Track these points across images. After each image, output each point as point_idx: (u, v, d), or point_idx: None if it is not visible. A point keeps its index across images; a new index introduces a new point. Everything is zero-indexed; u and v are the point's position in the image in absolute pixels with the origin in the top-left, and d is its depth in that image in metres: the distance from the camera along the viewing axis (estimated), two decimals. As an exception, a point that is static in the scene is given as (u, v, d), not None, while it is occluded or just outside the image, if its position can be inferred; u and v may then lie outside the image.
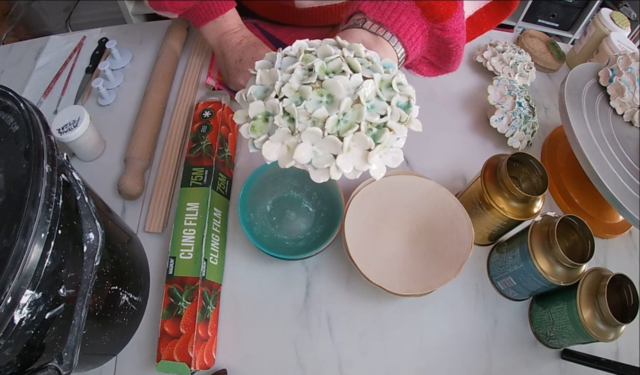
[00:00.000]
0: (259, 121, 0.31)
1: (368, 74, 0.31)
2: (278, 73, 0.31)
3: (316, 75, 0.30)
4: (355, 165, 0.30)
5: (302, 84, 0.30)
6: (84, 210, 0.36)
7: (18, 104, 0.33)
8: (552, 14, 1.78)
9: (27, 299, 0.28)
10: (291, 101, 0.30)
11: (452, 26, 0.41)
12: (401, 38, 0.41)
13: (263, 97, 0.32)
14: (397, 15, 0.40)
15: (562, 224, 0.46)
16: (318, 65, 0.30)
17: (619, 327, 0.43)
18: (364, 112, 0.29)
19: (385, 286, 0.46)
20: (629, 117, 0.60)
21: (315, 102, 0.30)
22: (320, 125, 0.29)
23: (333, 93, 0.30)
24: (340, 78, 0.30)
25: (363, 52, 0.33)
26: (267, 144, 0.30)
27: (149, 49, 0.73)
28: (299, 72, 0.31)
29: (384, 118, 0.31)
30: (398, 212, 0.53)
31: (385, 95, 0.31)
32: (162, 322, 0.45)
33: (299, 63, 0.31)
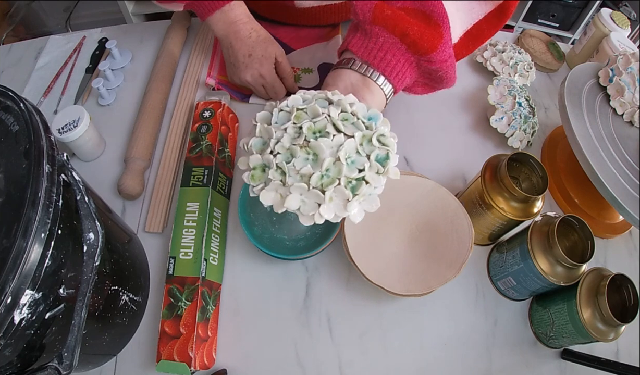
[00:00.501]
0: (257, 171, 0.37)
1: (351, 131, 0.36)
2: (273, 131, 0.37)
3: (304, 136, 0.35)
4: (337, 212, 0.35)
5: (292, 144, 0.36)
6: (84, 210, 0.36)
7: (18, 104, 0.33)
8: (552, 14, 1.78)
9: (27, 299, 0.28)
10: (283, 158, 0.36)
11: (438, 58, 0.43)
12: (387, 76, 0.44)
13: (261, 149, 0.37)
14: (383, 53, 0.43)
15: (562, 224, 0.46)
16: (306, 127, 0.36)
17: (619, 327, 0.43)
18: (344, 169, 0.35)
19: (385, 286, 0.46)
20: (629, 117, 0.60)
21: (302, 160, 0.35)
22: (306, 180, 0.35)
23: (317, 153, 0.35)
24: (323, 140, 0.35)
25: (349, 108, 0.37)
26: (263, 192, 0.36)
27: (149, 49, 0.73)
28: (290, 130, 0.36)
29: (362, 172, 0.35)
30: (398, 212, 0.53)
31: (365, 150, 0.36)
32: (162, 322, 0.45)
33: (291, 123, 0.36)
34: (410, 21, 0.42)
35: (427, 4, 0.43)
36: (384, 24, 0.42)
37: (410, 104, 0.68)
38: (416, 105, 0.68)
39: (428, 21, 0.43)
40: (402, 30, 0.42)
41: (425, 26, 0.43)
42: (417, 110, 0.68)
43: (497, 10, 0.51)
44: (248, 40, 0.60)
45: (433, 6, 0.43)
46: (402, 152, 0.63)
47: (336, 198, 0.35)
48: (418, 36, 0.42)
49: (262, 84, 0.62)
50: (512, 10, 0.51)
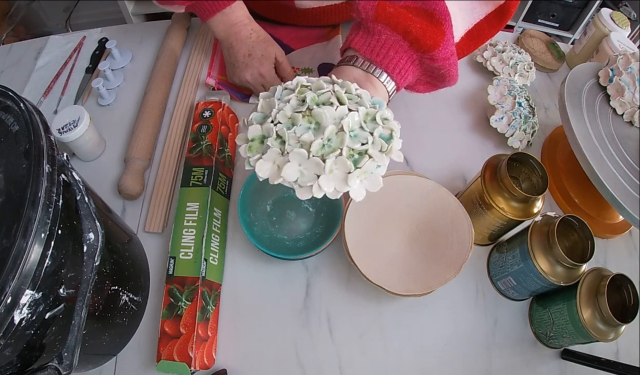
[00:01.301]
0: (255, 142, 0.35)
1: (354, 107, 0.35)
2: (276, 102, 0.35)
3: (307, 105, 0.34)
4: (336, 186, 0.33)
5: (294, 112, 0.34)
6: (84, 210, 0.36)
7: (18, 104, 0.33)
8: (552, 14, 1.78)
9: (27, 299, 0.28)
10: (284, 126, 0.34)
11: (440, 55, 0.43)
12: (390, 73, 0.44)
13: (261, 122, 0.36)
14: (386, 50, 0.43)
15: (562, 224, 0.46)
16: (309, 97, 0.35)
17: (619, 327, 0.43)
18: (346, 138, 0.33)
19: (385, 286, 0.46)
20: (629, 117, 0.60)
21: (304, 128, 0.34)
22: (306, 148, 0.33)
23: (320, 121, 0.34)
24: (327, 108, 0.33)
25: (354, 90, 0.37)
26: (260, 163, 0.34)
27: (149, 49, 0.73)
28: (293, 102, 0.35)
29: (365, 146, 0.34)
30: (398, 212, 0.53)
31: (369, 127, 0.35)
32: (162, 322, 0.45)
33: (294, 94, 0.35)
34: (413, 19, 0.42)
35: (429, 3, 0.43)
36: (387, 22, 0.42)
37: (410, 104, 0.68)
38: (416, 105, 0.68)
39: (430, 19, 0.43)
40: (405, 27, 0.42)
41: (427, 24, 0.43)
42: (417, 110, 0.67)
43: (497, 10, 0.51)
44: (248, 40, 0.60)
45: (435, 5, 0.43)
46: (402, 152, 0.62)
47: (337, 170, 0.33)
48: (421, 33, 0.42)
49: (261, 83, 0.62)
50: (512, 11, 0.52)
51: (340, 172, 0.33)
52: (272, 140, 0.34)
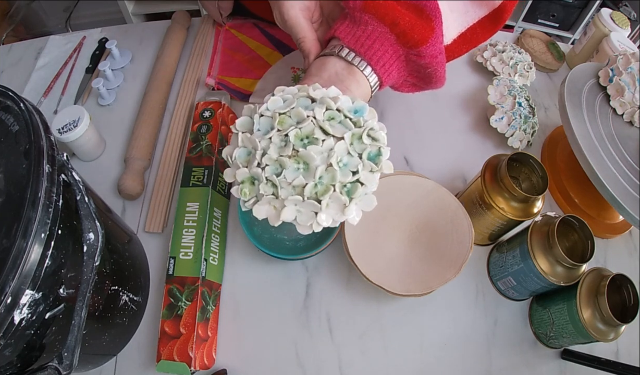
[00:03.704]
0: (246, 184, 0.35)
1: (339, 132, 0.35)
2: (257, 141, 0.34)
3: (292, 145, 0.34)
4: (334, 217, 0.34)
5: (280, 155, 0.34)
6: (84, 210, 0.36)
7: (18, 104, 0.33)
8: (552, 14, 1.78)
9: (27, 299, 0.28)
10: (272, 170, 0.34)
11: (428, 52, 0.42)
12: (374, 66, 0.42)
13: (247, 160, 0.35)
14: (371, 42, 0.41)
15: (562, 224, 0.46)
16: (292, 135, 0.34)
17: (619, 327, 0.43)
18: (337, 175, 0.33)
19: (385, 286, 0.46)
20: (629, 117, 0.60)
21: (293, 170, 0.34)
22: (299, 191, 0.33)
23: (308, 162, 0.34)
24: (313, 148, 0.33)
25: (333, 105, 0.35)
26: (256, 207, 0.34)
27: (149, 49, 0.73)
28: (276, 139, 0.34)
29: (356, 175, 0.34)
30: (398, 212, 0.53)
31: (356, 149, 0.35)
32: (162, 322, 0.45)
33: (275, 131, 0.34)
34: (402, 11, 0.41)
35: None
36: (374, 12, 0.41)
37: (410, 104, 0.68)
38: (416, 105, 0.68)
39: (420, 14, 0.42)
40: (393, 19, 0.40)
41: (416, 18, 0.41)
42: (417, 110, 0.68)
43: (492, 15, 0.50)
44: None
45: (426, 1, 0.41)
46: (402, 152, 0.63)
47: (333, 204, 0.34)
48: (409, 27, 0.40)
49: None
50: (507, 16, 0.51)
51: (336, 206, 0.34)
52: (263, 187, 0.34)
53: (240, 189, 0.35)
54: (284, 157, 0.33)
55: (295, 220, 0.34)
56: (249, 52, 0.71)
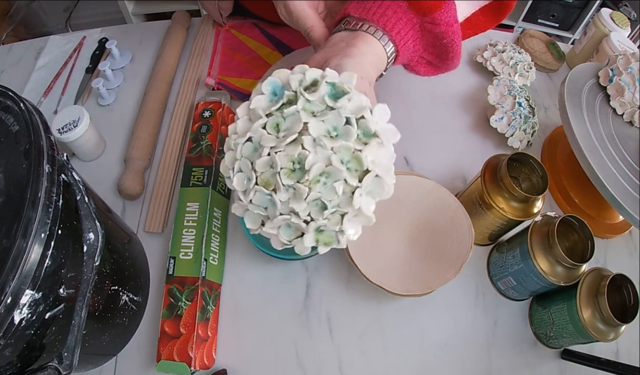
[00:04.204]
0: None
1: (341, 175, 0.31)
2: (249, 169, 0.32)
3: (279, 176, 0.31)
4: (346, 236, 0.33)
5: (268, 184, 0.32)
6: (84, 210, 0.36)
7: (18, 104, 0.33)
8: (552, 14, 1.78)
9: (27, 299, 0.28)
10: (261, 199, 0.33)
11: (442, 19, 0.40)
12: (388, 32, 0.39)
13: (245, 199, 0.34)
14: (383, 10, 0.39)
15: (562, 224, 0.46)
16: (279, 162, 0.31)
17: (619, 327, 0.43)
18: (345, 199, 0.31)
19: (385, 286, 0.46)
20: (629, 117, 0.60)
21: (284, 195, 0.31)
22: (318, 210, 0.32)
23: (300, 191, 0.31)
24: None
25: (323, 106, 0.32)
26: (273, 239, 0.35)
27: (149, 49, 0.73)
28: (263, 165, 0.32)
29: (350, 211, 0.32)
30: (398, 212, 0.53)
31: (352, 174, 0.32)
32: (162, 322, 0.45)
33: (260, 154, 0.32)
34: None
35: None
36: None
37: (410, 104, 0.68)
38: (416, 105, 0.68)
39: None
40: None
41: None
42: (417, 110, 0.68)
43: (496, 3, 0.50)
44: None
45: None
46: (402, 152, 0.63)
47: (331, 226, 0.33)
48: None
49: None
50: (510, 8, 0.51)
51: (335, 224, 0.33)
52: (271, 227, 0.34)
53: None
54: (274, 180, 0.32)
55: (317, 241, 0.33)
56: (249, 52, 0.71)
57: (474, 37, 0.55)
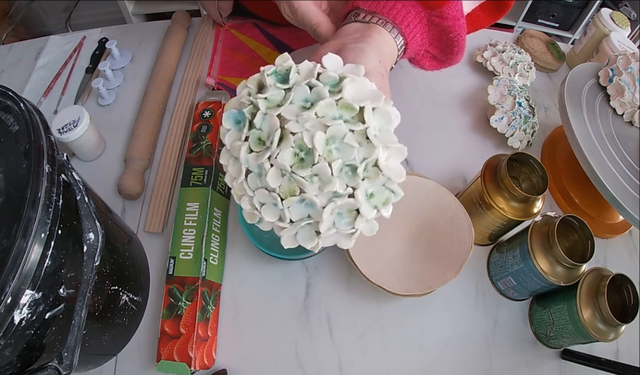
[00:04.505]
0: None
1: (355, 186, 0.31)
2: (241, 168, 0.31)
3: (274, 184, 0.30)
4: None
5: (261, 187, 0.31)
6: (84, 210, 0.36)
7: (18, 104, 0.33)
8: (552, 14, 1.78)
9: (27, 299, 0.28)
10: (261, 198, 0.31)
11: (450, 13, 0.40)
12: (398, 25, 0.40)
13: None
14: (393, 3, 0.39)
15: (562, 224, 0.46)
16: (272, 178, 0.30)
17: (619, 327, 0.43)
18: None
19: (385, 286, 0.46)
20: (629, 117, 0.60)
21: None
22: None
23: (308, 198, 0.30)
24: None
25: (336, 111, 0.31)
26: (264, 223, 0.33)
27: (149, 49, 0.73)
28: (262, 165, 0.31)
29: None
30: (398, 212, 0.53)
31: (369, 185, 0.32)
32: (162, 322, 0.45)
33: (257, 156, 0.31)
34: None
35: None
36: None
37: (410, 104, 0.68)
38: (416, 105, 0.68)
39: None
40: None
41: None
42: (417, 110, 0.68)
43: (494, 2, 0.50)
44: None
45: None
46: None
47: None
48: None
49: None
50: (509, 5, 0.51)
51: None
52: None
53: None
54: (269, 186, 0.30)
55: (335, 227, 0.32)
56: (249, 52, 0.71)
57: (474, 37, 0.55)
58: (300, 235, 0.32)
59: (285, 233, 0.32)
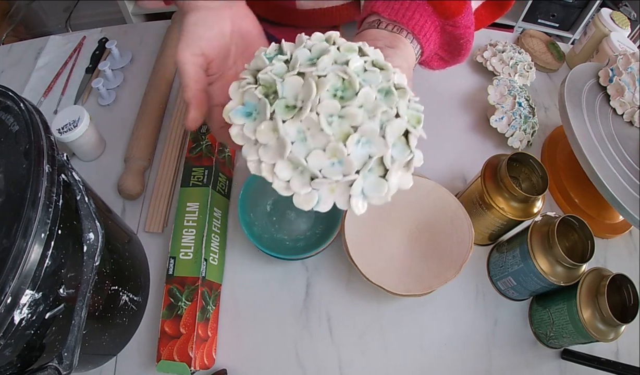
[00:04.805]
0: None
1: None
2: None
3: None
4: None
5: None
6: (84, 210, 0.36)
7: (18, 104, 0.33)
8: (552, 14, 1.78)
9: (27, 299, 0.28)
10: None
11: (462, 23, 0.42)
12: (416, 35, 0.41)
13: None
14: (411, 13, 0.41)
15: (562, 224, 0.46)
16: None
17: (619, 327, 0.43)
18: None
19: (385, 286, 0.46)
20: (629, 117, 0.60)
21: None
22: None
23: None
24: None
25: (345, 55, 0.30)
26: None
27: (149, 49, 0.73)
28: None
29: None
30: (398, 212, 0.53)
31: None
32: (162, 322, 0.45)
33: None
34: None
35: None
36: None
37: (410, 104, 0.68)
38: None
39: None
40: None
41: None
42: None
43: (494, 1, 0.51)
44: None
45: None
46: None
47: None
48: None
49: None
50: (510, 4, 0.51)
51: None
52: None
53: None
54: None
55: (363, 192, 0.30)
56: (249, 52, 0.71)
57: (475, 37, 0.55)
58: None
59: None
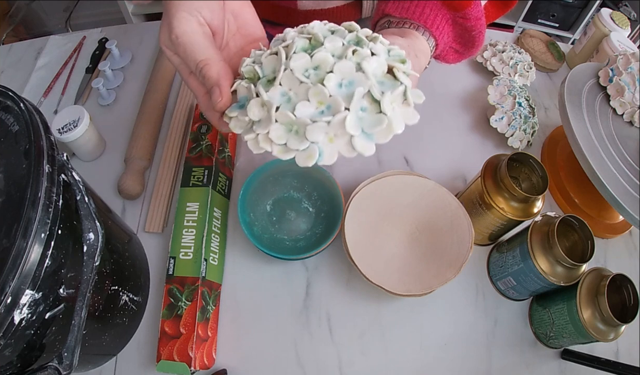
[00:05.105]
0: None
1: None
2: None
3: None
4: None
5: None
6: (84, 210, 0.36)
7: (18, 104, 0.33)
8: (552, 14, 1.78)
9: (27, 299, 0.28)
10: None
11: (473, 14, 0.43)
12: (429, 28, 0.42)
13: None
14: (421, 9, 0.42)
15: (562, 224, 0.46)
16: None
17: (619, 327, 0.43)
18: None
19: (385, 286, 0.46)
20: (629, 117, 0.60)
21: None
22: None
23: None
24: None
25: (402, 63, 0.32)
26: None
27: (149, 49, 0.73)
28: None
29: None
30: (398, 212, 0.53)
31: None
32: (162, 322, 0.45)
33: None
34: None
35: None
36: None
37: (410, 104, 0.68)
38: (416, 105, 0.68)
39: None
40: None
41: None
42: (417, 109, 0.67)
43: None
44: None
45: None
46: (402, 152, 0.63)
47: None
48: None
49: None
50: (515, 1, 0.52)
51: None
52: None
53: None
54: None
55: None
56: (249, 52, 0.70)
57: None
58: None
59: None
